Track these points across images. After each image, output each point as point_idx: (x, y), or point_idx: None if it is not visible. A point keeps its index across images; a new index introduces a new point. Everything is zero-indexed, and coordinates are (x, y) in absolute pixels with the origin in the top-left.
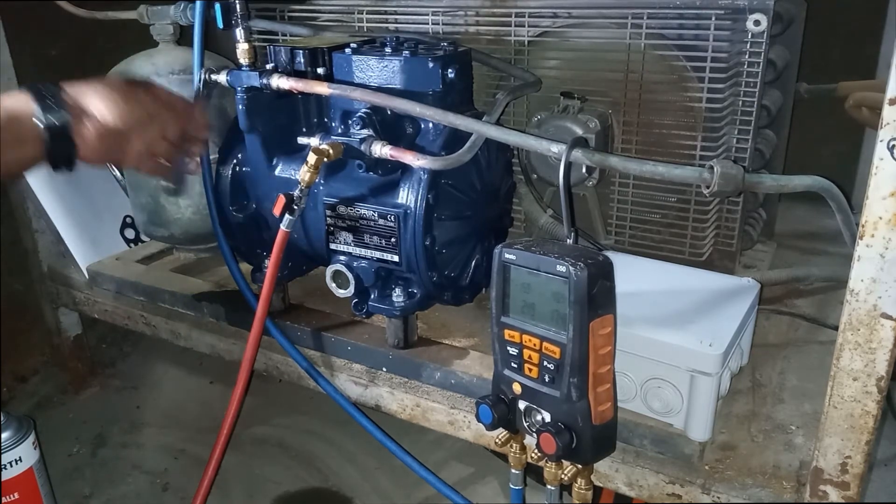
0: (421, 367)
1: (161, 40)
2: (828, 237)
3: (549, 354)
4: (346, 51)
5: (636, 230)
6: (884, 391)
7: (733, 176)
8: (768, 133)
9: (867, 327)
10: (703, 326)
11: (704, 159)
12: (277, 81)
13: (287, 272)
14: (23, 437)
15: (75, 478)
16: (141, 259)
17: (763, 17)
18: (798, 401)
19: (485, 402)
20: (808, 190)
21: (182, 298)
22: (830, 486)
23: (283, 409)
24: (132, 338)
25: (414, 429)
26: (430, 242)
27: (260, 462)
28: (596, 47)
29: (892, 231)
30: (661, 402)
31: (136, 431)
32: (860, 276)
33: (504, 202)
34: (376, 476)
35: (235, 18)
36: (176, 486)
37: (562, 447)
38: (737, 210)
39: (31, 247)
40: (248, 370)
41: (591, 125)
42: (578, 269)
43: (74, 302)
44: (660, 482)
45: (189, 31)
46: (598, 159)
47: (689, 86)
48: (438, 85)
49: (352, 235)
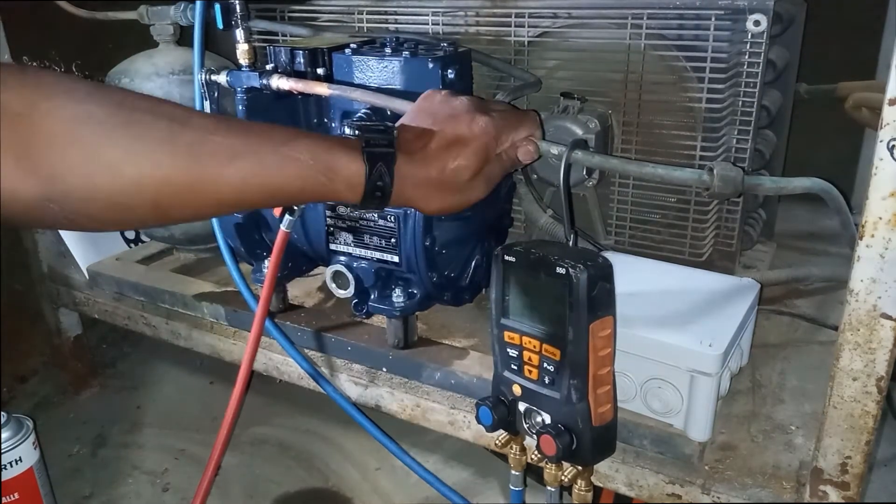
0: (421, 367)
1: (161, 41)
2: (828, 237)
3: (549, 356)
4: (345, 51)
5: (636, 230)
6: (884, 391)
7: (732, 178)
8: (768, 133)
9: (867, 327)
10: (703, 327)
11: (704, 160)
12: (277, 82)
13: (287, 272)
14: (23, 438)
15: (75, 478)
16: (141, 259)
17: (763, 17)
18: (798, 401)
19: (485, 404)
20: (808, 192)
21: (182, 299)
22: (830, 486)
23: (283, 409)
24: (132, 338)
25: (414, 429)
26: (430, 243)
27: (260, 462)
28: (596, 48)
29: (892, 231)
30: (661, 402)
31: (136, 432)
32: (860, 276)
33: (504, 202)
34: (376, 476)
35: (235, 19)
36: (176, 487)
37: (562, 449)
38: (737, 210)
39: (31, 247)
40: (247, 370)
41: (590, 126)
42: (578, 271)
43: (74, 302)
44: (660, 482)
45: (189, 32)
46: (599, 161)
47: (689, 86)
48: (438, 85)
49: (352, 236)
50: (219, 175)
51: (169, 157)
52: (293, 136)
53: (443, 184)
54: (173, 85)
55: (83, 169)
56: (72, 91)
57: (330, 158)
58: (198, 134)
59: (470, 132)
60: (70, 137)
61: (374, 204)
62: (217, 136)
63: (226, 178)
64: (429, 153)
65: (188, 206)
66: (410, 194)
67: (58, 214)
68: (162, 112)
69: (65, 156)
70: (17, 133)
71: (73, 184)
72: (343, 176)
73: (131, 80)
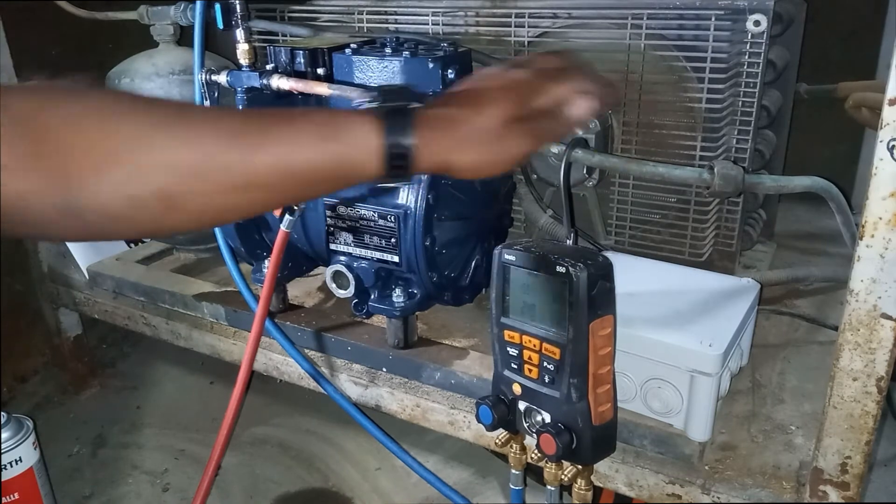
0: (421, 367)
1: (161, 41)
2: (828, 237)
3: (549, 355)
4: (346, 51)
5: (636, 230)
6: (883, 391)
7: (733, 177)
8: (768, 133)
9: (867, 327)
10: (703, 327)
11: (704, 159)
12: (277, 82)
13: (287, 272)
14: (23, 438)
15: (75, 478)
16: (141, 259)
17: (763, 17)
18: (798, 401)
19: (485, 403)
20: (808, 191)
21: (182, 299)
22: (830, 486)
23: (283, 409)
24: (132, 338)
25: (414, 429)
26: (430, 243)
27: (260, 462)
28: (596, 48)
29: (892, 231)
30: (661, 402)
31: (136, 432)
32: (860, 276)
33: (504, 202)
34: (376, 476)
35: (235, 19)
36: (176, 487)
37: (562, 448)
38: (737, 210)
39: (31, 247)
40: (247, 370)
41: (590, 125)
42: (578, 269)
43: (75, 302)
44: (660, 482)
45: (189, 32)
46: (599, 160)
47: (689, 86)
48: (438, 85)
49: (352, 236)
50: (224, 155)
51: (174, 140)
52: (307, 111)
53: (473, 133)
54: (173, 85)
55: (88, 161)
56: (77, 91)
57: (345, 121)
58: (205, 116)
59: (498, 78)
60: (74, 131)
61: (398, 170)
62: (223, 119)
63: (232, 158)
64: (451, 101)
65: (199, 194)
66: (437, 149)
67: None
68: (164, 103)
69: (72, 149)
70: (26, 135)
71: (81, 178)
72: (359, 139)
73: (131, 80)
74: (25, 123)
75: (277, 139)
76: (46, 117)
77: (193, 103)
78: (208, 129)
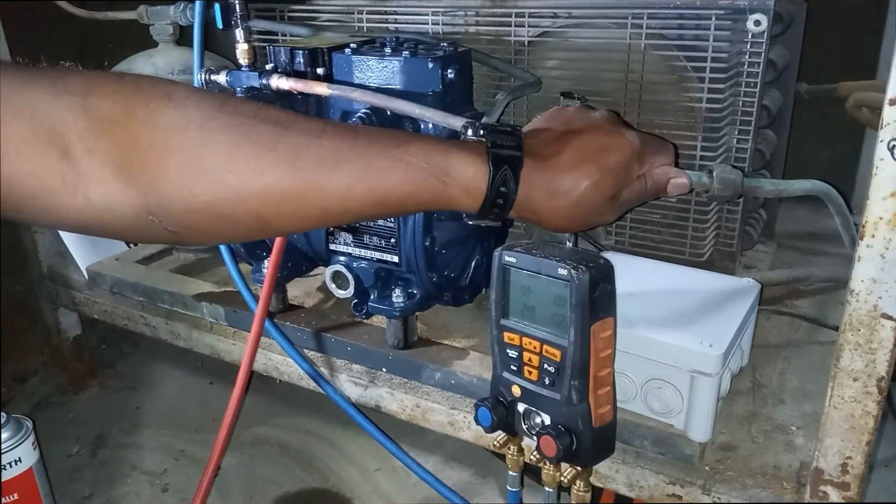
0: (421, 367)
1: (161, 40)
2: (828, 238)
3: (550, 357)
4: (345, 51)
5: (636, 230)
6: (884, 391)
7: (732, 181)
8: (768, 133)
9: (867, 328)
10: (704, 327)
11: (705, 160)
12: (277, 82)
13: (287, 273)
14: (22, 438)
15: (75, 478)
16: (140, 259)
17: (763, 17)
18: (798, 401)
19: (483, 405)
20: (808, 194)
21: (182, 299)
22: (831, 486)
23: (283, 409)
24: (132, 338)
25: (414, 429)
26: (429, 243)
27: (260, 462)
28: (596, 47)
29: (892, 231)
30: (662, 402)
31: (135, 432)
32: (860, 276)
33: None
34: (376, 477)
35: (235, 19)
36: (176, 487)
37: (562, 450)
38: (737, 210)
39: (30, 247)
40: (247, 371)
41: None
42: (580, 272)
43: (74, 302)
44: (660, 483)
45: (189, 32)
46: None
47: (690, 86)
48: (438, 85)
49: (351, 236)
50: (324, 182)
51: (272, 163)
52: (406, 139)
53: (574, 201)
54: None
55: (182, 178)
56: (169, 95)
57: (445, 160)
58: (302, 138)
59: (614, 142)
60: (168, 145)
61: (492, 214)
62: (323, 140)
63: (331, 185)
64: (562, 162)
65: (292, 217)
66: (535, 207)
67: (158, 227)
68: (264, 116)
69: (163, 165)
70: (113, 143)
71: (172, 194)
72: (460, 180)
73: None
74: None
75: (380, 169)
76: (136, 126)
77: (291, 113)
78: (311, 154)
